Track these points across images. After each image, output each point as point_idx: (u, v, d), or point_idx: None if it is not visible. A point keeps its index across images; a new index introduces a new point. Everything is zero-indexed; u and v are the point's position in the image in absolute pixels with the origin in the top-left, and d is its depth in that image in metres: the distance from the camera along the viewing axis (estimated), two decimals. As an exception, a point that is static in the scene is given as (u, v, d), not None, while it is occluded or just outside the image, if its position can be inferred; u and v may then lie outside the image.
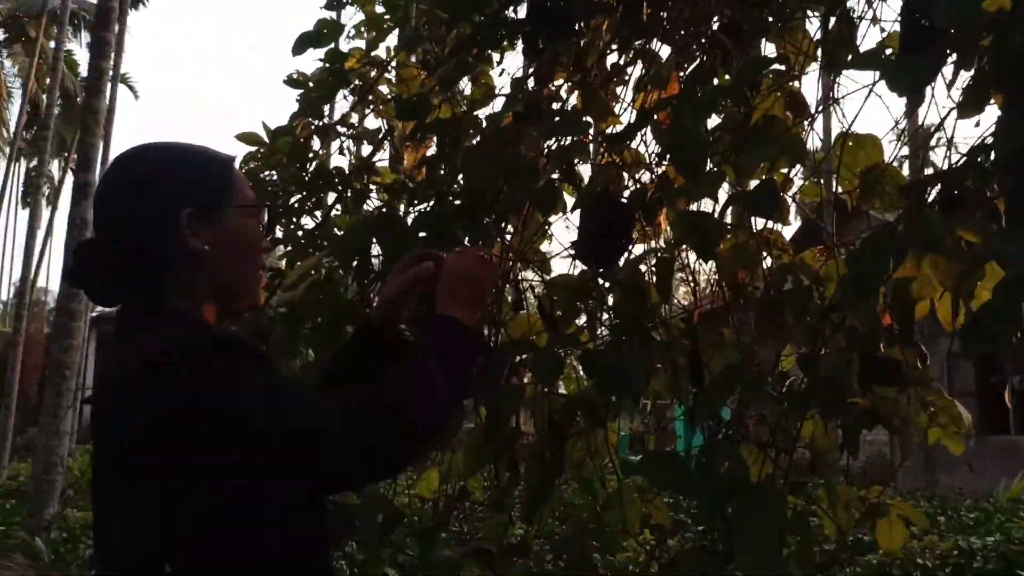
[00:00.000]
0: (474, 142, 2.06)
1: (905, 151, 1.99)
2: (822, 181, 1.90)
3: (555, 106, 2.04)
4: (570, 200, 2.08)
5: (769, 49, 1.98)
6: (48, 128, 15.63)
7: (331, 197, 2.66)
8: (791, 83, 1.83)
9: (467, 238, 1.90)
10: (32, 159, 29.30)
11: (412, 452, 1.23)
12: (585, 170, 2.11)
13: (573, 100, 2.14)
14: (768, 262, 1.78)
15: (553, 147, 1.96)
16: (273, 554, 1.18)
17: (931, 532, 6.01)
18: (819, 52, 1.89)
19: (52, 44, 21.99)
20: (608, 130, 1.97)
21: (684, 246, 1.76)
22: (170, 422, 1.10)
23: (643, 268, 1.78)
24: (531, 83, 2.12)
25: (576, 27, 1.95)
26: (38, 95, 24.58)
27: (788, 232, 1.98)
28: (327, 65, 2.58)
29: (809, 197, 1.96)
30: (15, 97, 25.57)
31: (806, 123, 1.84)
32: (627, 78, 2.23)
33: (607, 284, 1.91)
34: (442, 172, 2.23)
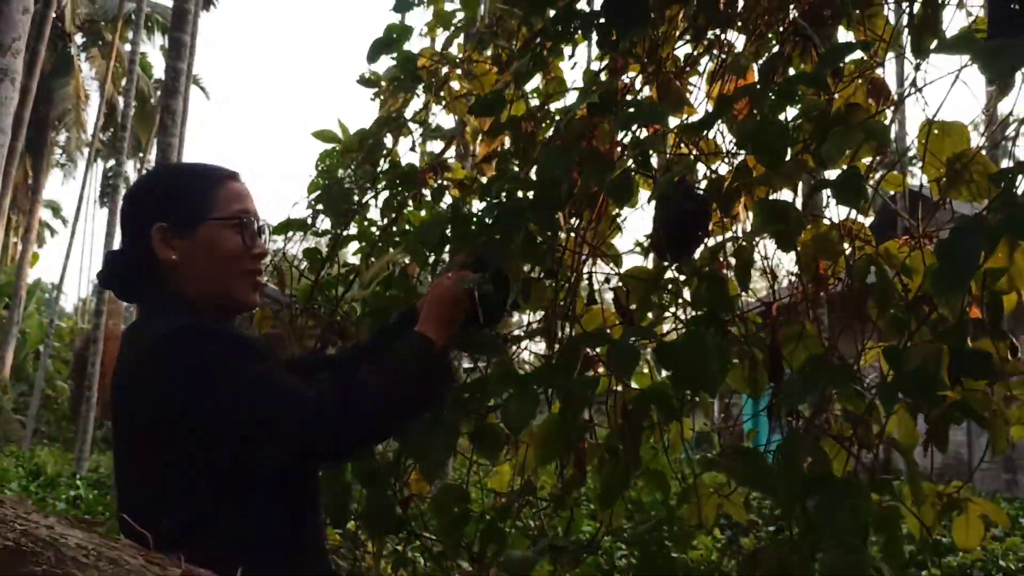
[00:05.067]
0: (548, 135, 2.06)
1: (989, 138, 1.93)
2: (908, 170, 1.85)
3: (629, 98, 2.03)
4: (644, 193, 2.07)
5: (847, 37, 1.94)
6: (125, 129, 16.09)
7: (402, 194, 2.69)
8: (873, 70, 1.79)
9: (540, 230, 1.91)
10: (109, 159, 30.25)
11: (359, 438, 1.40)
12: (659, 161, 2.10)
13: (647, 91, 2.13)
14: (849, 253, 1.74)
15: (628, 139, 1.96)
16: (253, 515, 1.36)
17: (1012, 534, 5.83)
18: (900, 38, 1.85)
19: (127, 47, 22.67)
20: (684, 120, 1.95)
21: (762, 237, 1.73)
22: (161, 396, 1.31)
23: (722, 258, 1.75)
24: (604, 75, 2.11)
25: (650, 17, 1.93)
26: (114, 97, 25.36)
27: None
28: (399, 65, 2.61)
29: (892, 187, 1.91)
30: (93, 99, 26.40)
31: (888, 111, 1.80)
32: (701, 69, 2.21)
33: (683, 276, 1.89)
34: (515, 166, 2.24)
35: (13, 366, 23.41)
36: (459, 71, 2.66)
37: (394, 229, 2.69)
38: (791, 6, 1.88)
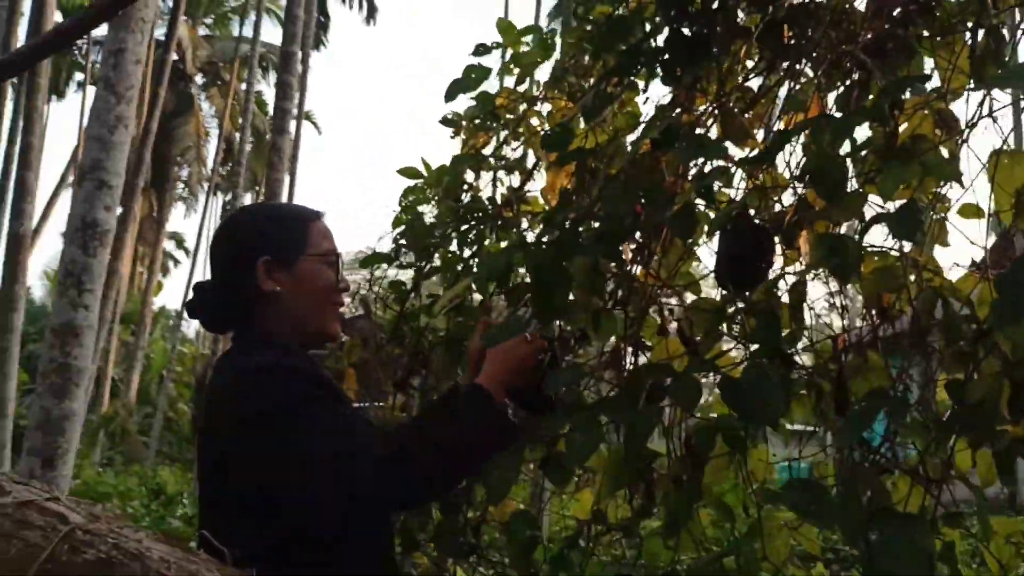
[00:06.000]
0: (614, 170, 2.10)
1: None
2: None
3: (698, 131, 2.06)
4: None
5: (927, 65, 1.91)
6: (241, 164, 16.87)
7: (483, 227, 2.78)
8: (940, 100, 1.76)
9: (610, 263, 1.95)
10: (227, 193, 31.68)
11: (422, 490, 1.48)
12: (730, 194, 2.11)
13: (713, 126, 2.15)
14: (915, 285, 1.72)
15: (693, 172, 1.98)
16: (322, 552, 1.41)
17: None
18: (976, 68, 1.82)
19: (243, 86, 23.81)
20: (747, 153, 1.96)
21: (824, 274, 1.73)
22: (240, 429, 1.40)
23: (778, 292, 1.75)
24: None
25: (713, 52, 1.96)
26: (231, 134, 26.63)
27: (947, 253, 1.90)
28: (478, 105, 2.71)
29: (967, 216, 1.88)
30: (212, 136, 27.77)
31: (959, 141, 1.77)
32: (776, 100, 2.22)
33: (744, 308, 1.89)
34: (583, 198, 2.29)
35: (138, 389, 24.67)
36: (536, 108, 2.74)
37: (475, 261, 2.78)
38: (858, 39, 1.88)
